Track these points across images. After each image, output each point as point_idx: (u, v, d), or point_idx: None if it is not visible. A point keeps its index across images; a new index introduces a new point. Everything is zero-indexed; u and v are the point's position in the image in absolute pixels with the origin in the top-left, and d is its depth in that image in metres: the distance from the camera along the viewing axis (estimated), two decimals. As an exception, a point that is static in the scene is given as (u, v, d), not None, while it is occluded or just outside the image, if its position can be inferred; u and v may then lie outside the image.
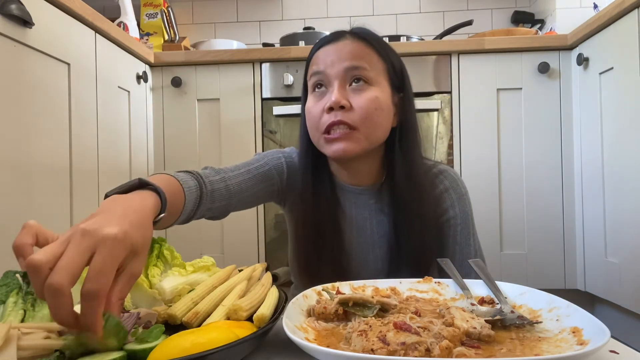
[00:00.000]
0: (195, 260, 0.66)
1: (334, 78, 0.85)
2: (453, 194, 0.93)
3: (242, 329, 0.49)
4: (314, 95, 0.89)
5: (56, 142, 1.27)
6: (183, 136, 1.90)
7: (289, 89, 1.87)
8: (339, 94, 0.83)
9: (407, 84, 0.91)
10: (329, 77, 0.85)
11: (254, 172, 0.91)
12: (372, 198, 0.93)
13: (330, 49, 0.87)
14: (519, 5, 2.46)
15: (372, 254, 0.92)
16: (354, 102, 0.83)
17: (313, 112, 0.87)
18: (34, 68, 1.19)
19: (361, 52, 0.86)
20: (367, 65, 0.85)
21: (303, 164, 0.93)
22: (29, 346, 0.43)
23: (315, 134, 0.87)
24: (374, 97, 0.84)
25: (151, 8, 2.23)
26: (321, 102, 0.86)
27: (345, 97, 0.83)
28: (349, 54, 0.85)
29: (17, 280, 0.55)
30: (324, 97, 0.86)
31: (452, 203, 0.93)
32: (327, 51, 0.87)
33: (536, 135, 1.79)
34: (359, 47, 0.86)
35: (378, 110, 0.84)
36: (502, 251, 1.81)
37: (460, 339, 0.46)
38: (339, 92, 0.83)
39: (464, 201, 0.94)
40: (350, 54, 0.85)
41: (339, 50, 0.86)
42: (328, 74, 0.85)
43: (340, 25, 0.97)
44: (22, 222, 0.52)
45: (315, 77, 0.88)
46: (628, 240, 1.45)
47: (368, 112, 0.83)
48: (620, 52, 1.47)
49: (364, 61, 0.85)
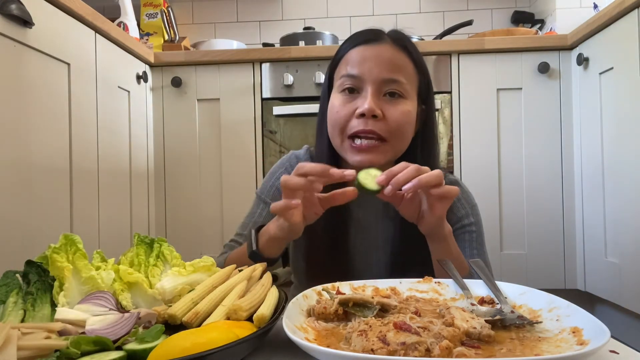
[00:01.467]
0: (195, 260, 0.66)
1: (369, 84, 0.81)
2: (466, 204, 0.93)
3: (242, 329, 0.49)
4: (342, 95, 0.84)
5: (56, 142, 1.27)
6: (183, 136, 1.90)
7: (289, 89, 1.87)
8: (374, 102, 0.80)
9: (431, 96, 0.90)
10: (364, 83, 0.82)
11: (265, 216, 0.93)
12: (380, 202, 0.92)
13: (369, 52, 0.83)
14: (519, 5, 2.46)
15: (376, 258, 0.92)
16: (387, 112, 0.81)
17: (341, 113, 0.83)
18: (34, 68, 1.19)
19: (401, 63, 0.83)
20: (404, 80, 0.82)
21: (318, 161, 0.89)
22: (29, 346, 0.43)
23: (339, 136, 0.84)
24: (407, 111, 0.82)
25: (151, 8, 2.23)
26: (350, 104, 0.82)
27: (379, 107, 0.80)
28: (389, 64, 0.81)
29: (17, 280, 0.55)
30: (355, 100, 0.82)
31: (466, 213, 0.92)
32: (364, 54, 0.83)
33: (536, 135, 1.79)
34: (400, 57, 0.83)
35: (408, 124, 0.83)
36: (502, 251, 1.81)
37: (460, 339, 0.46)
38: (374, 101, 0.80)
39: (476, 211, 0.94)
40: (390, 64, 0.82)
41: (378, 56, 0.82)
42: (364, 80, 0.82)
43: (341, 25, 0.97)
44: (22, 222, 0.52)
45: (349, 81, 0.83)
46: (628, 240, 1.45)
47: (400, 125, 0.82)
48: (620, 52, 1.47)
49: (401, 75, 0.82)
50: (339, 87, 0.85)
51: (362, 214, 0.92)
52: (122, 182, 1.65)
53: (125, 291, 0.59)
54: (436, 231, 0.76)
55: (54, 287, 0.55)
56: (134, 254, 0.66)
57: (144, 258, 0.65)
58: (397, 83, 0.82)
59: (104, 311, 0.54)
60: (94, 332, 0.48)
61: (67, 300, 0.55)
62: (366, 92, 0.81)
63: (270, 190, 0.96)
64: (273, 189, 0.95)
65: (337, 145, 0.86)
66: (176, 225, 1.91)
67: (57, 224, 1.26)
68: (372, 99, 0.80)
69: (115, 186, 1.59)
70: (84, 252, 0.59)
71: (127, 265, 0.63)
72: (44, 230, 1.19)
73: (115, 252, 0.70)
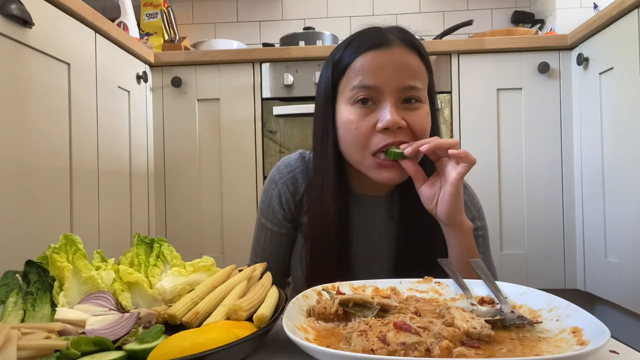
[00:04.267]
0: (195, 260, 0.66)
1: (387, 94, 0.77)
2: (472, 207, 0.92)
3: (242, 329, 0.49)
4: (356, 107, 0.79)
5: (56, 142, 1.27)
6: (183, 136, 1.90)
7: (289, 89, 1.87)
8: (396, 113, 0.76)
9: (435, 94, 0.88)
10: (382, 93, 0.77)
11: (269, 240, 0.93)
12: (383, 206, 0.90)
13: (382, 58, 0.77)
14: (519, 5, 2.46)
15: (379, 264, 0.90)
16: (409, 120, 0.78)
17: (361, 129, 0.78)
18: (34, 68, 1.19)
19: (416, 67, 0.79)
20: (421, 85, 0.79)
21: (321, 176, 0.86)
22: (29, 346, 0.42)
23: (360, 153, 0.80)
24: (426, 115, 0.81)
25: (151, 8, 2.23)
26: (369, 118, 0.78)
27: (401, 116, 0.77)
28: (405, 70, 0.78)
29: (17, 280, 0.55)
30: (373, 113, 0.78)
31: (473, 217, 0.90)
32: (378, 62, 0.77)
33: (536, 135, 1.79)
34: (414, 60, 0.79)
35: (429, 127, 0.81)
36: (502, 251, 1.81)
37: (460, 339, 0.46)
38: (395, 111, 0.76)
39: (482, 214, 0.93)
40: (407, 70, 0.78)
41: (393, 63, 0.77)
42: (381, 90, 0.77)
43: (341, 25, 0.96)
44: (22, 222, 0.52)
45: (363, 92, 0.78)
46: (628, 240, 1.45)
47: (424, 131, 0.79)
48: (620, 52, 1.47)
49: (418, 80, 0.79)
50: (350, 99, 0.80)
51: (364, 222, 0.90)
52: (122, 182, 1.65)
53: (125, 291, 0.59)
54: (456, 216, 0.76)
55: (54, 287, 0.55)
56: (134, 254, 0.66)
57: (144, 258, 0.65)
58: (415, 89, 0.78)
59: (104, 311, 0.54)
60: (94, 332, 0.48)
61: (67, 300, 0.55)
62: (385, 103, 0.77)
63: (269, 211, 0.93)
64: (270, 209, 0.92)
65: (357, 161, 0.82)
66: (176, 225, 1.91)
67: (57, 224, 1.26)
68: (393, 110, 0.76)
69: (115, 186, 1.59)
70: (84, 252, 0.59)
71: (127, 265, 0.63)
72: (44, 230, 1.19)
73: (115, 252, 0.70)
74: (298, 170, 0.92)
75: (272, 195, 0.92)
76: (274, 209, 0.92)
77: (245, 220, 1.86)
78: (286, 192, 0.91)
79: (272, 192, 0.93)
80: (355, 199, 0.90)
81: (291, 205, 0.91)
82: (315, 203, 0.87)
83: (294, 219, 0.92)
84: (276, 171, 0.94)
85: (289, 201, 0.91)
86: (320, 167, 0.87)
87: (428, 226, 0.84)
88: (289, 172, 0.92)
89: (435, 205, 0.77)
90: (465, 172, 0.73)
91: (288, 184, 0.91)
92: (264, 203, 0.94)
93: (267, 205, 0.93)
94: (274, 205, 0.92)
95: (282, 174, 0.92)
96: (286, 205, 0.91)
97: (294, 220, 0.93)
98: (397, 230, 0.89)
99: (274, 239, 0.93)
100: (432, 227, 0.83)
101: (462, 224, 0.77)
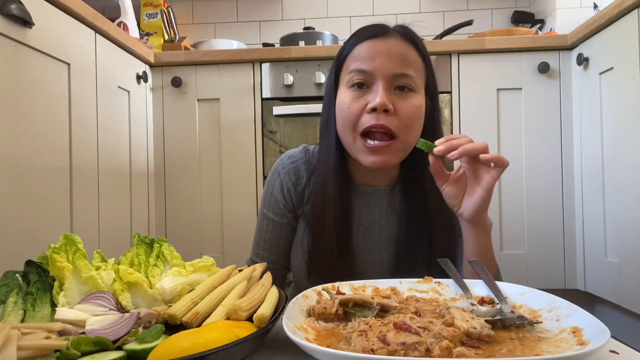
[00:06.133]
0: (195, 260, 0.66)
1: (379, 79, 0.81)
2: None
3: (242, 329, 0.49)
4: (351, 90, 0.83)
5: (56, 142, 1.27)
6: (183, 136, 1.90)
7: (289, 89, 1.87)
8: (385, 97, 0.79)
9: (437, 91, 0.90)
10: (374, 78, 0.81)
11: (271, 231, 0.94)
12: (385, 198, 0.91)
13: (377, 46, 0.82)
14: (519, 5, 2.46)
15: (379, 256, 0.91)
16: (398, 106, 0.80)
17: (352, 109, 0.82)
18: (34, 68, 1.19)
19: (411, 57, 0.82)
20: (414, 74, 0.82)
21: (324, 164, 0.89)
22: (29, 346, 0.43)
23: (350, 133, 0.83)
24: (417, 105, 0.82)
25: (151, 8, 2.23)
26: (361, 100, 0.81)
27: (390, 101, 0.80)
28: (399, 58, 0.81)
29: (17, 280, 0.55)
30: (365, 95, 0.82)
31: None
32: (374, 48, 0.82)
33: (536, 135, 1.79)
34: (409, 51, 0.82)
35: (419, 118, 0.83)
36: (502, 251, 1.81)
37: (460, 339, 0.46)
38: (385, 95, 0.79)
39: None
40: (401, 58, 0.81)
41: (387, 50, 0.81)
42: (374, 75, 0.81)
43: (341, 25, 0.96)
44: (22, 222, 0.52)
45: (358, 76, 0.82)
46: (628, 240, 1.45)
47: (411, 119, 0.81)
48: (620, 52, 1.47)
49: (412, 69, 0.82)
50: (347, 82, 0.84)
51: (365, 214, 0.91)
52: (122, 182, 1.65)
53: (125, 291, 0.59)
54: (480, 216, 0.76)
55: (54, 287, 0.55)
56: (134, 254, 0.66)
57: (144, 258, 0.65)
58: (407, 77, 0.81)
59: (103, 311, 0.54)
60: (94, 332, 0.48)
61: (67, 300, 0.55)
62: (377, 87, 0.80)
63: (271, 201, 0.94)
64: (272, 199, 0.94)
65: (349, 143, 0.84)
66: (176, 225, 1.91)
67: (57, 224, 1.26)
68: (383, 93, 0.79)
69: (115, 186, 1.59)
70: (84, 252, 0.59)
71: (127, 265, 0.63)
72: (44, 230, 1.19)
73: (115, 252, 0.70)
74: (301, 162, 0.94)
75: (274, 184, 0.94)
76: (276, 198, 0.93)
77: (245, 220, 1.86)
78: (288, 182, 0.93)
79: (275, 181, 0.95)
80: (357, 189, 0.91)
81: (292, 194, 0.93)
82: (318, 189, 0.89)
83: (295, 209, 0.94)
84: (279, 162, 0.96)
85: (290, 191, 0.93)
86: (323, 154, 0.89)
87: (429, 219, 0.85)
88: (291, 162, 0.94)
89: (459, 203, 0.77)
90: (498, 176, 0.74)
91: (290, 174, 0.93)
92: (267, 193, 0.96)
93: (269, 195, 0.95)
94: (275, 195, 0.94)
95: (284, 165, 0.95)
96: (287, 194, 0.93)
97: (295, 211, 0.94)
98: (398, 222, 0.90)
99: (275, 229, 0.94)
100: (434, 220, 0.84)
101: (485, 222, 0.79)
